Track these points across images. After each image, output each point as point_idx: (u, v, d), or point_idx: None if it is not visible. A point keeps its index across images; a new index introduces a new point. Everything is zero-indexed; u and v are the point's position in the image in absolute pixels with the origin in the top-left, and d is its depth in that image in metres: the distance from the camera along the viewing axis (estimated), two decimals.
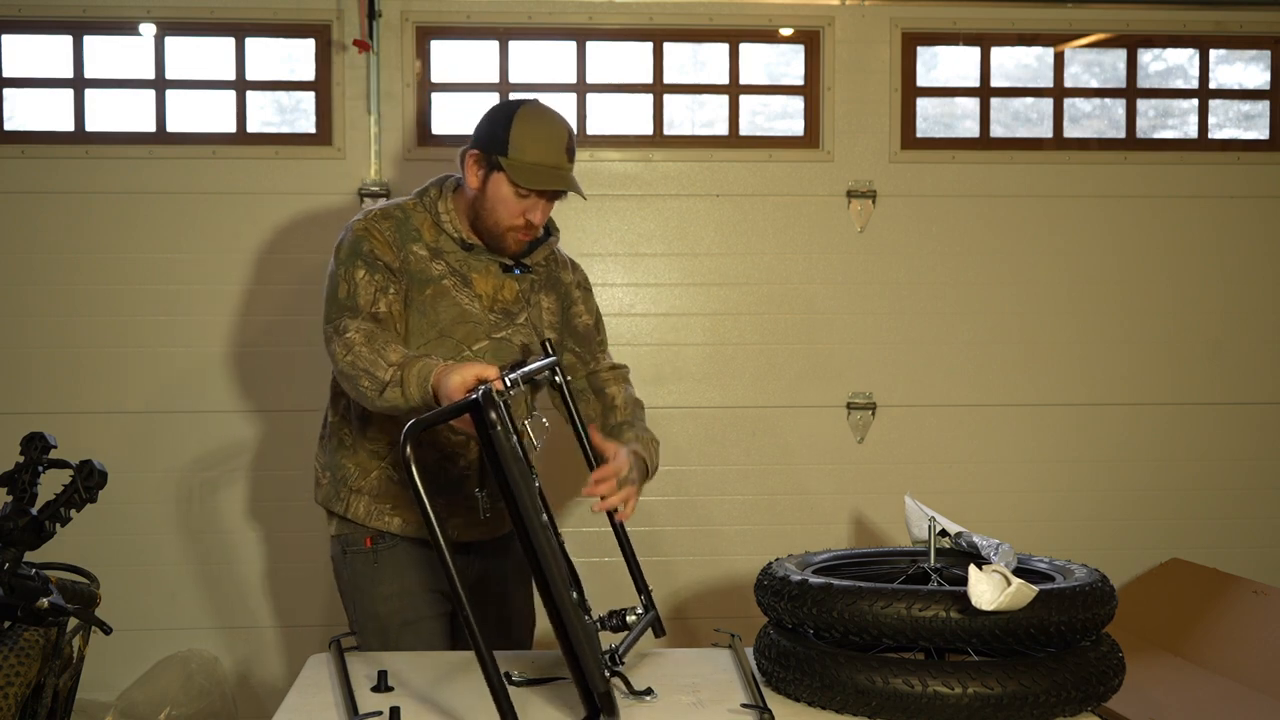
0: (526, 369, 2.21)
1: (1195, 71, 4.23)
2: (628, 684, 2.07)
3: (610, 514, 2.36)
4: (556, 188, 2.44)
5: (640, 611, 2.26)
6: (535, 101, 2.51)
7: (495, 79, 4.02)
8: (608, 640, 2.14)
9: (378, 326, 2.35)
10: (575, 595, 1.96)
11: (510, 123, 2.41)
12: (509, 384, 2.05)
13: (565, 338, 2.67)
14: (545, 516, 2.03)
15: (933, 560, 2.31)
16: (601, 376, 2.70)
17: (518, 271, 2.55)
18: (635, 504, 2.40)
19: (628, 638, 2.18)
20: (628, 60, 4.07)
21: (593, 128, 4.04)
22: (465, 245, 2.49)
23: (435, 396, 2.13)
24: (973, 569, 1.95)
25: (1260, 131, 4.26)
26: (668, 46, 4.06)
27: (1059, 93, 4.17)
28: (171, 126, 3.93)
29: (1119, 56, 4.20)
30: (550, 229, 2.65)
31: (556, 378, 2.44)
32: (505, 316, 2.53)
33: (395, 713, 1.86)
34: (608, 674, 1.94)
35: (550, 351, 2.44)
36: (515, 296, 2.55)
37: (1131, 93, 4.20)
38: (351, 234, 2.45)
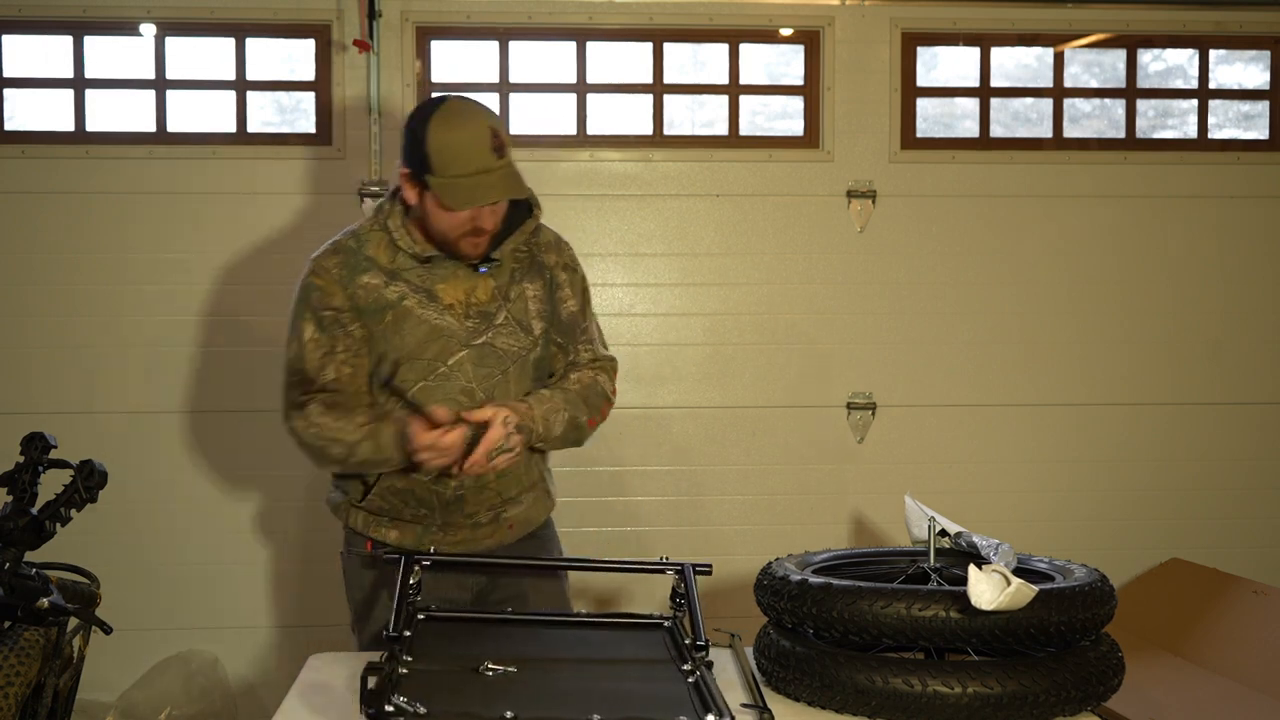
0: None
1: (1195, 71, 4.23)
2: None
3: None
4: (486, 202, 2.26)
5: (678, 580, 2.24)
6: (447, 101, 2.32)
7: (495, 79, 4.02)
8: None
9: (334, 396, 2.37)
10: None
11: (426, 135, 2.26)
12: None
13: (551, 326, 2.49)
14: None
15: (933, 560, 2.31)
16: (579, 366, 2.52)
17: (483, 270, 2.39)
18: (493, 454, 2.27)
19: (690, 613, 2.15)
20: (628, 60, 4.07)
21: (593, 128, 4.04)
22: (422, 259, 2.37)
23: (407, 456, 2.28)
24: (973, 569, 1.95)
25: (1260, 131, 4.26)
26: (668, 46, 4.06)
27: (1059, 93, 4.17)
28: (171, 126, 3.93)
29: (1119, 56, 4.20)
30: (531, 204, 2.45)
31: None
32: (483, 319, 2.39)
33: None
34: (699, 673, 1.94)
35: None
36: (491, 295, 2.40)
37: (1131, 93, 4.19)
38: (302, 280, 2.42)
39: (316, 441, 2.34)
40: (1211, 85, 4.23)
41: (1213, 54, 4.23)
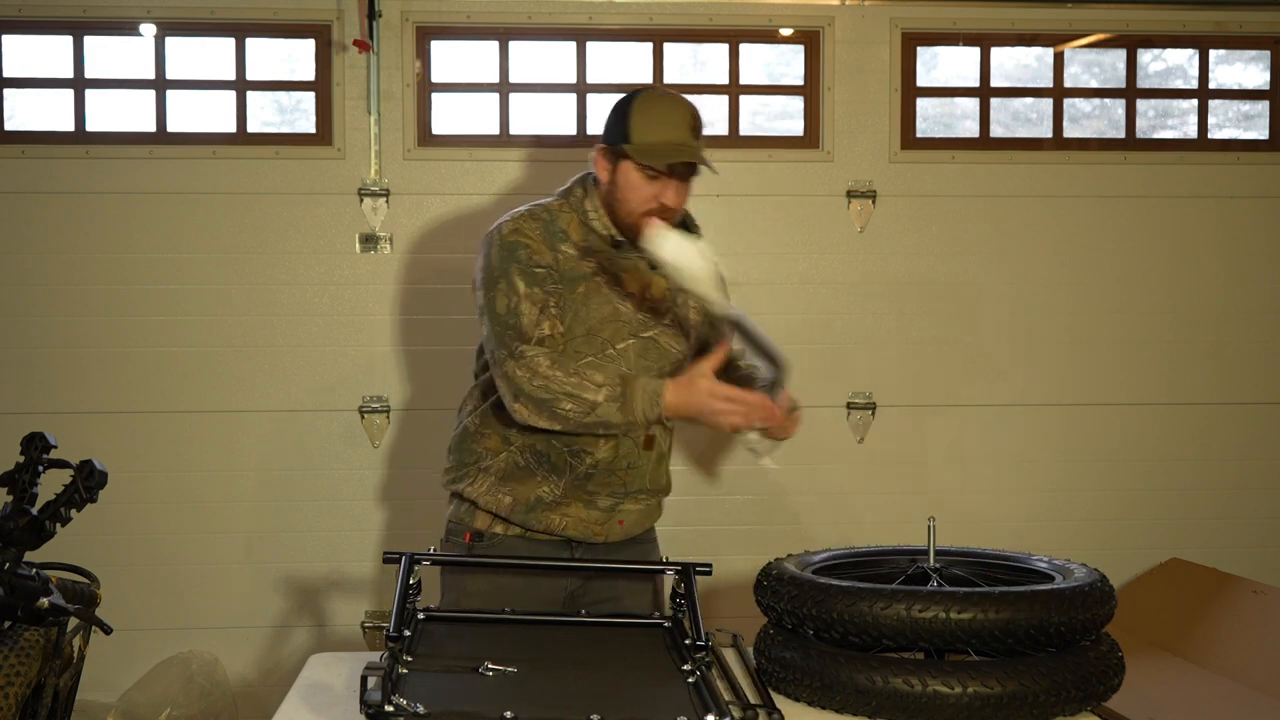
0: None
1: (1195, 71, 4.23)
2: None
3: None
4: (680, 159, 2.42)
5: (677, 581, 2.26)
6: (653, 87, 2.49)
7: (495, 79, 4.02)
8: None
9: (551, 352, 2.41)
10: None
11: (629, 110, 2.43)
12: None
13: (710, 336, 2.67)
14: None
15: (933, 560, 2.31)
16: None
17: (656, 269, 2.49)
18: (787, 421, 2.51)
19: (691, 613, 2.16)
20: (628, 60, 4.07)
21: (593, 128, 4.04)
22: (615, 243, 2.48)
23: (672, 415, 2.36)
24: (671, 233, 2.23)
25: (1260, 131, 4.26)
26: (668, 46, 4.06)
27: (1059, 93, 4.17)
28: (171, 126, 3.93)
29: (1119, 56, 4.20)
30: (690, 225, 2.60)
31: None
32: (652, 315, 2.54)
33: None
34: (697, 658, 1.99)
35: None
36: (663, 294, 2.55)
37: (1131, 93, 4.20)
38: (500, 238, 2.44)
39: (544, 394, 2.33)
40: (1211, 85, 4.23)
41: (1213, 54, 4.23)
